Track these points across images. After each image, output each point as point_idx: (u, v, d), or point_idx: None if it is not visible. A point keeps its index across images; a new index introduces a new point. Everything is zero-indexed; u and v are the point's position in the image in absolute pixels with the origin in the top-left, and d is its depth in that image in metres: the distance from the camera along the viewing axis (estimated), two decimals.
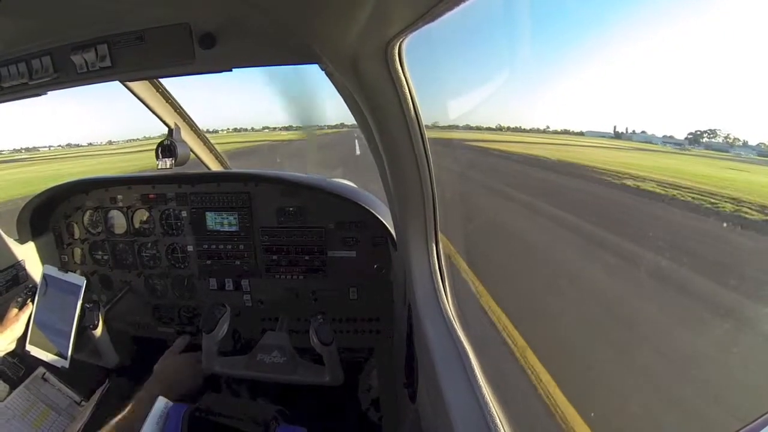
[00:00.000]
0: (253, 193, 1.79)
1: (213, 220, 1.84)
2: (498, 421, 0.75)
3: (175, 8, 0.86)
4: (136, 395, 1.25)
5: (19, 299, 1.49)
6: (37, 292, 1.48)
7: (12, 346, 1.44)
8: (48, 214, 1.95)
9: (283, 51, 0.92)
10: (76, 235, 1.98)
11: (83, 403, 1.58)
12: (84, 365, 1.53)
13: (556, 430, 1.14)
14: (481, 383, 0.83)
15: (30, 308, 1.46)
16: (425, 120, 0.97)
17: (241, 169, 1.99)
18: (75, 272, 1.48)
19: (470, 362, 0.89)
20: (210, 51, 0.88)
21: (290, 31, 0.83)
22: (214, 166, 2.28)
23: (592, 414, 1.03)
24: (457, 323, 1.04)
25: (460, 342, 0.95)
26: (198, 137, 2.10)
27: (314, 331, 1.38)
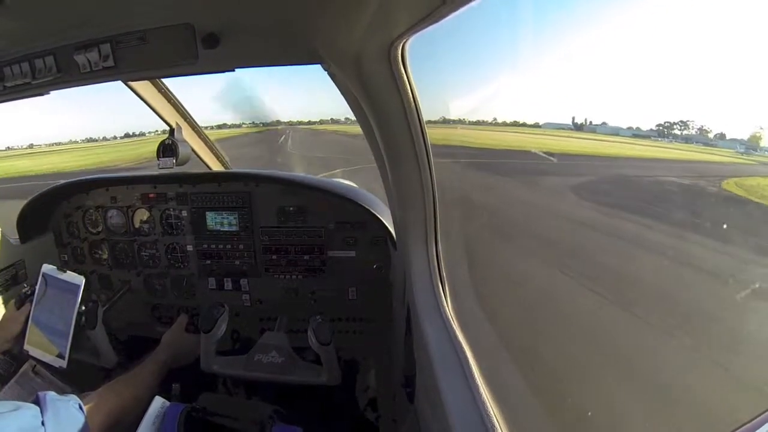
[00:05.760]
0: (254, 193, 1.80)
1: (213, 220, 1.84)
2: (495, 421, 0.75)
3: (179, 9, 0.87)
4: (146, 359, 1.39)
5: (18, 298, 1.49)
6: (36, 291, 1.47)
7: (9, 346, 1.44)
8: (48, 213, 1.95)
9: (286, 51, 0.92)
10: (76, 234, 1.97)
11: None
12: (82, 365, 1.52)
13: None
14: (478, 383, 0.83)
15: (28, 307, 1.46)
16: (427, 120, 0.97)
17: (242, 169, 2.00)
18: (74, 271, 1.48)
19: (468, 363, 0.89)
20: (213, 51, 0.89)
21: (294, 32, 0.84)
22: (215, 166, 2.28)
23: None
24: (456, 324, 1.04)
25: (459, 342, 0.95)
26: (199, 137, 2.10)
27: (313, 331, 1.38)
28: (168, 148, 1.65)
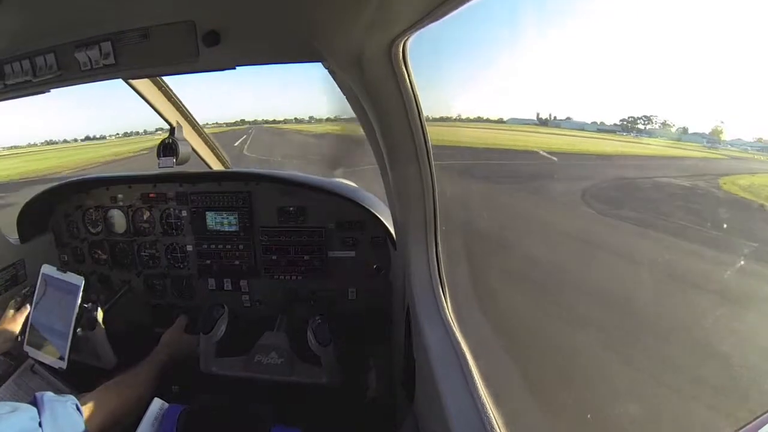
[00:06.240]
0: (254, 193, 1.80)
1: (213, 220, 1.84)
2: (494, 422, 0.75)
3: (180, 6, 0.87)
4: (144, 360, 1.40)
5: (18, 299, 1.49)
6: (36, 291, 1.47)
7: (9, 346, 1.43)
8: (48, 213, 1.95)
9: (287, 49, 0.92)
10: (76, 234, 1.97)
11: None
12: (82, 366, 1.51)
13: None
14: (478, 384, 0.83)
15: (28, 308, 1.46)
16: (427, 118, 0.97)
17: (243, 169, 2.00)
18: (74, 272, 1.48)
19: (468, 363, 0.89)
20: (214, 49, 0.89)
21: (295, 30, 0.84)
22: (216, 165, 2.28)
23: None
24: (455, 324, 1.04)
25: (458, 343, 0.95)
26: (200, 136, 2.10)
27: (312, 331, 1.38)
28: (168, 147, 1.65)
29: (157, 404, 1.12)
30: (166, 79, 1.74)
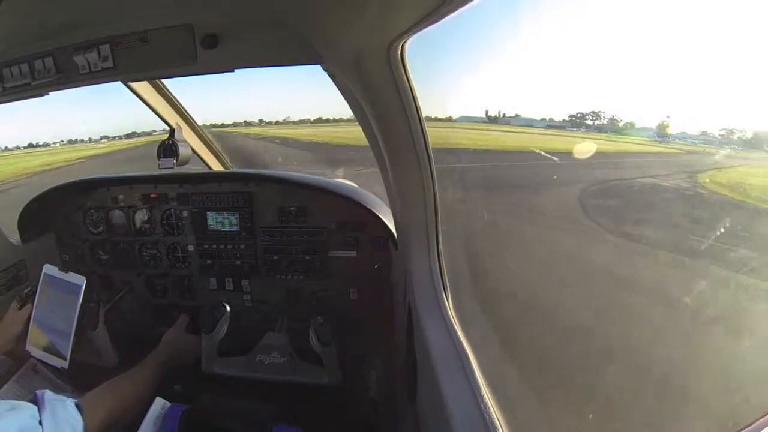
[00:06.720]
0: (255, 193, 1.80)
1: (214, 220, 1.84)
2: (497, 421, 0.75)
3: (178, 9, 0.87)
4: (145, 359, 1.40)
5: (19, 299, 1.50)
6: (38, 291, 1.48)
7: (11, 346, 1.44)
8: (49, 213, 1.96)
9: (286, 52, 0.92)
10: (77, 234, 1.98)
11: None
12: (83, 365, 1.52)
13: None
14: (480, 384, 0.83)
15: (30, 308, 1.47)
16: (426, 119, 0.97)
17: (243, 169, 2.00)
18: (75, 272, 1.48)
19: (470, 363, 0.89)
20: (212, 51, 0.89)
21: (293, 32, 0.84)
22: (216, 166, 2.28)
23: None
24: (457, 324, 1.04)
25: (460, 343, 0.95)
26: (199, 137, 2.11)
27: (314, 331, 1.39)
28: (168, 148, 1.65)
29: (158, 403, 1.13)
30: (165, 80, 1.74)
